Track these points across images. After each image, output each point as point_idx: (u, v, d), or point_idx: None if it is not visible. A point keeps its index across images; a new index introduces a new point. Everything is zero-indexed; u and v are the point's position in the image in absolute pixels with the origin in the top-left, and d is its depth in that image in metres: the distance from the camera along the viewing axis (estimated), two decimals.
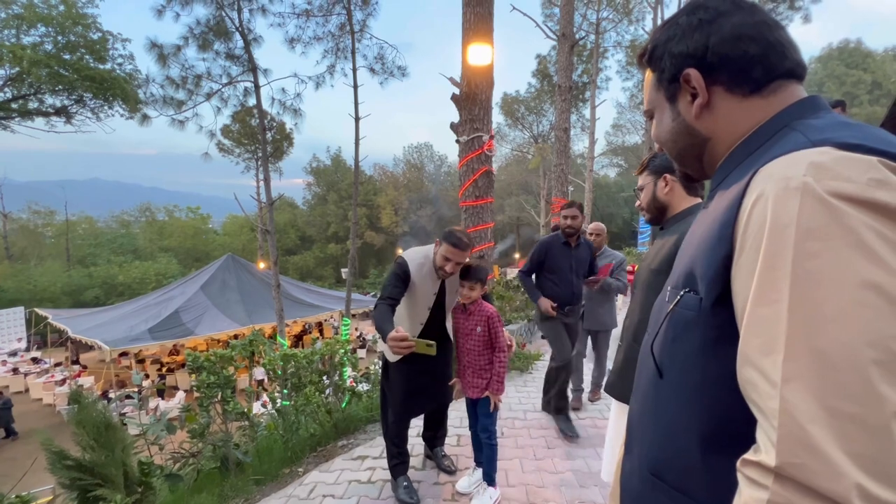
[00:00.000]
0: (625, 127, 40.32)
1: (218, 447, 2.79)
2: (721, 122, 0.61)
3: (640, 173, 1.61)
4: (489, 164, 4.98)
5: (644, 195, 1.57)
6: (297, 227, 45.61)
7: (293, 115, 10.40)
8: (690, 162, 0.69)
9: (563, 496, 2.28)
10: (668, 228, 1.51)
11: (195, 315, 15.16)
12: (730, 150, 0.62)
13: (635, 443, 0.70)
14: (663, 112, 0.68)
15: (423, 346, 1.79)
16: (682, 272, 0.58)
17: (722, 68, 0.60)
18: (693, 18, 0.62)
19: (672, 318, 0.56)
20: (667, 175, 1.51)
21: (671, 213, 1.52)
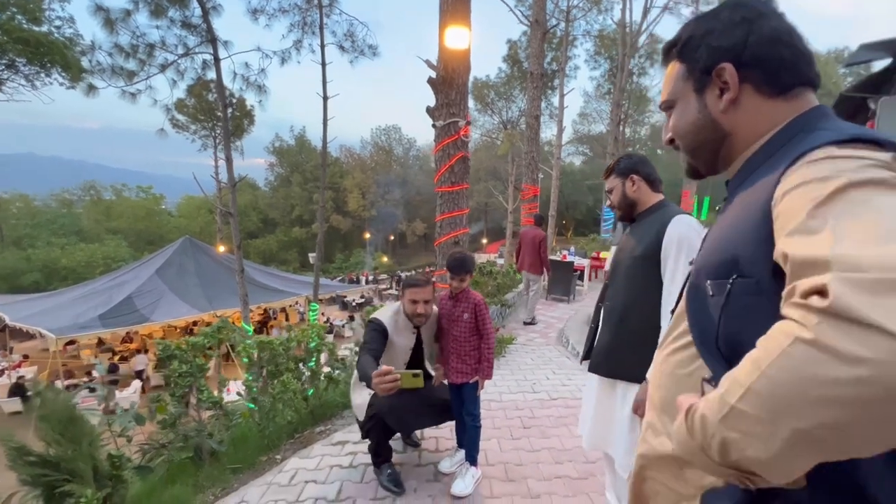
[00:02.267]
0: (591, 116, 41.19)
1: (190, 437, 2.71)
2: (744, 119, 0.65)
3: (608, 177, 1.69)
4: (465, 150, 4.97)
5: (614, 195, 1.66)
6: (258, 209, 43.90)
7: (257, 92, 9.88)
8: (705, 155, 0.72)
9: (540, 472, 2.39)
10: (642, 221, 1.60)
11: (150, 301, 14.39)
12: (746, 148, 0.66)
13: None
14: (688, 103, 0.70)
15: (409, 379, 1.76)
16: (718, 263, 0.59)
17: (756, 67, 0.63)
18: (736, 15, 0.64)
19: (730, 309, 0.57)
20: (633, 175, 1.61)
21: (641, 208, 1.63)
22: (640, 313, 1.49)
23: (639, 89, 30.40)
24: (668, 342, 0.76)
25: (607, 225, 17.17)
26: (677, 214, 1.47)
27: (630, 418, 1.49)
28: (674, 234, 1.43)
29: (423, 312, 2.25)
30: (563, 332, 5.57)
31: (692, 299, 0.64)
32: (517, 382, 3.81)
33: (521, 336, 5.52)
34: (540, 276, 6.25)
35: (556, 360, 4.55)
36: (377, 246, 45.23)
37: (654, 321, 1.46)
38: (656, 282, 1.46)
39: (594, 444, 1.67)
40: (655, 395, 0.79)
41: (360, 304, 23.09)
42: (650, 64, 29.45)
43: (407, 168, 48.99)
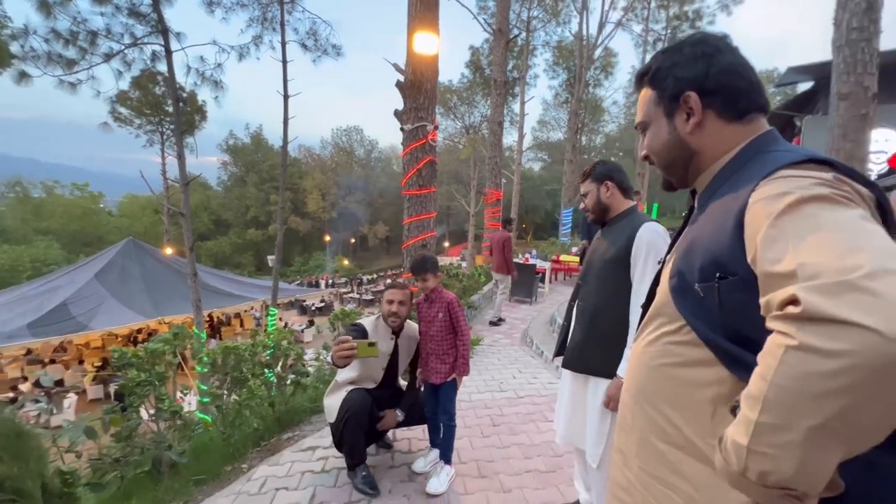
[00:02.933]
0: (549, 124, 42.61)
1: (147, 450, 2.57)
2: (708, 140, 0.75)
3: (584, 181, 1.80)
4: (433, 154, 5.03)
5: (589, 199, 1.77)
6: (210, 210, 41.77)
7: (213, 88, 9.43)
8: (677, 171, 0.82)
9: (511, 467, 2.47)
10: (613, 226, 1.71)
11: (89, 307, 13.30)
12: (711, 164, 0.76)
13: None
14: (660, 125, 0.80)
15: (364, 348, 1.85)
16: (700, 267, 0.67)
17: (716, 95, 0.74)
18: (697, 50, 0.75)
19: (726, 308, 0.63)
20: (608, 182, 1.72)
21: (612, 213, 1.74)
22: (611, 312, 1.60)
23: (594, 99, 31.83)
24: (643, 336, 0.85)
25: (565, 229, 17.82)
26: (646, 221, 1.59)
27: (600, 411, 1.59)
28: (643, 239, 1.55)
29: (396, 311, 2.36)
30: (527, 333, 5.73)
31: (681, 300, 0.71)
32: (485, 382, 3.90)
33: (487, 337, 5.63)
34: (507, 276, 6.40)
35: (521, 359, 4.69)
36: (338, 249, 44.29)
37: (623, 320, 1.57)
38: (626, 283, 1.58)
39: (569, 440, 1.76)
40: (630, 382, 0.87)
41: (320, 309, 22.51)
42: (605, 76, 30.96)
43: (369, 170, 48.36)
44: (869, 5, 4.23)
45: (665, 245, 1.55)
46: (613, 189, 1.70)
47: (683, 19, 22.57)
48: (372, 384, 2.44)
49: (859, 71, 4.35)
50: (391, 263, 42.48)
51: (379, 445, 2.68)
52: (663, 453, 0.75)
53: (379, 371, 2.44)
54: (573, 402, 1.71)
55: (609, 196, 1.71)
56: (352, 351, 1.85)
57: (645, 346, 0.81)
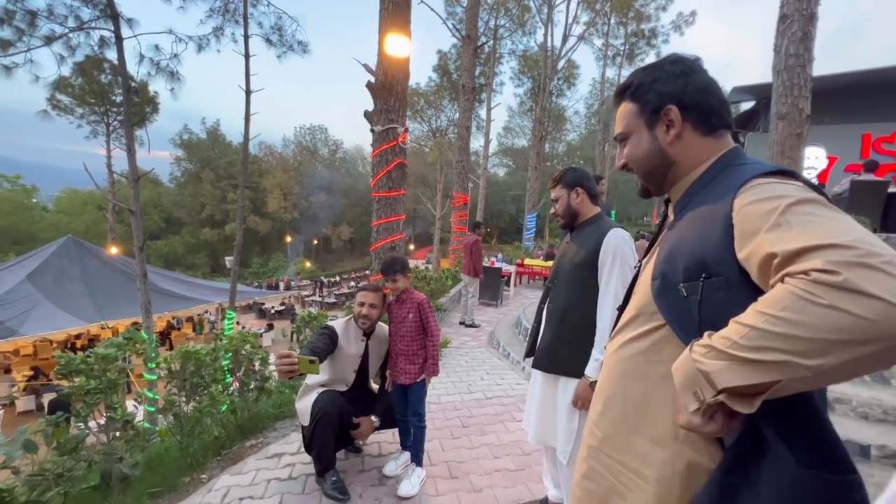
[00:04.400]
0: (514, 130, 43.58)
1: (95, 462, 2.39)
2: (685, 151, 0.82)
3: (554, 187, 1.86)
4: (403, 157, 5.02)
5: (559, 205, 1.84)
6: (161, 207, 39.42)
7: (169, 79, 8.91)
8: (655, 179, 0.88)
9: (481, 467, 2.51)
10: (582, 231, 1.79)
11: (19, 311, 12.17)
12: (687, 174, 0.82)
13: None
14: (641, 136, 0.86)
15: (305, 364, 1.86)
16: (685, 268, 0.72)
17: (693, 110, 0.81)
18: (675, 68, 0.82)
19: (706, 304, 0.69)
20: (578, 188, 1.80)
21: (581, 218, 1.82)
22: (579, 314, 1.67)
23: (557, 109, 32.87)
24: (620, 335, 0.90)
25: (529, 234, 18.26)
26: (613, 228, 1.67)
27: (569, 410, 1.66)
28: (610, 245, 1.63)
29: (366, 314, 2.36)
30: (493, 336, 5.82)
31: (663, 300, 0.76)
32: (454, 384, 3.92)
33: (455, 339, 5.67)
34: (475, 278, 6.48)
35: (488, 361, 4.75)
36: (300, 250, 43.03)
37: (591, 322, 1.64)
38: (593, 286, 1.65)
39: (540, 439, 1.81)
40: (606, 379, 0.92)
41: (280, 312, 21.76)
42: (567, 86, 32.07)
43: (333, 170, 47.38)
44: (804, 34, 4.67)
45: (630, 251, 1.64)
46: (583, 195, 1.78)
47: (640, 36, 23.84)
48: (344, 386, 2.40)
49: (795, 94, 4.78)
50: (355, 266, 41.75)
51: (348, 450, 2.63)
52: (633, 443, 0.81)
53: (350, 373, 2.41)
54: (543, 401, 1.77)
55: (579, 202, 1.78)
56: (293, 366, 1.84)
57: (622, 345, 0.87)
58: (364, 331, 2.42)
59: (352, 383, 2.43)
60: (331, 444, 2.23)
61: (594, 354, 1.59)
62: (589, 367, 1.60)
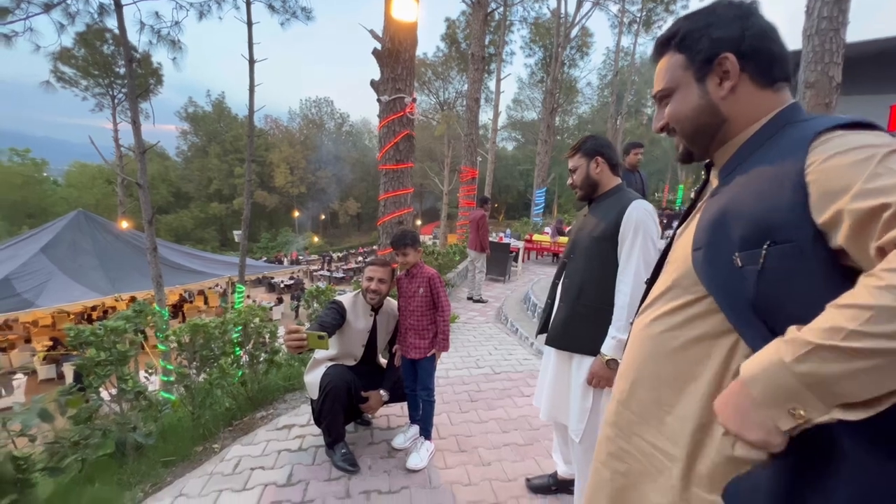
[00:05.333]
0: (524, 103, 42.52)
1: (110, 432, 2.43)
2: (740, 106, 0.72)
3: (572, 156, 1.75)
4: (411, 128, 4.88)
5: (578, 175, 1.73)
6: (169, 181, 39.47)
7: (171, 48, 8.70)
8: (702, 139, 0.78)
9: (489, 441, 2.51)
10: (601, 203, 1.69)
11: (35, 283, 12.43)
12: (738, 133, 0.73)
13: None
14: (688, 91, 0.76)
15: (314, 339, 1.82)
16: (743, 235, 0.63)
17: (752, 59, 0.70)
18: (731, 12, 0.71)
19: (767, 276, 0.60)
20: (598, 157, 1.69)
21: (601, 190, 1.72)
22: (597, 290, 1.60)
23: (569, 80, 31.86)
24: (651, 310, 0.83)
25: (538, 209, 18.03)
26: (635, 199, 1.58)
27: (583, 387, 1.61)
28: (632, 217, 1.54)
29: (375, 289, 2.32)
30: (501, 311, 5.81)
31: (708, 271, 0.69)
32: (462, 359, 3.93)
33: (463, 314, 5.66)
34: (481, 253, 6.42)
35: (496, 336, 4.75)
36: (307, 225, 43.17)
37: (608, 298, 1.57)
38: (613, 261, 1.58)
39: (551, 416, 1.78)
40: (634, 357, 0.86)
41: (289, 286, 22.02)
42: (580, 56, 30.97)
43: (339, 144, 46.85)
44: None
45: (654, 224, 1.55)
46: (603, 165, 1.68)
47: (658, 2, 22.72)
48: (352, 361, 2.39)
49: (826, 61, 4.50)
50: (362, 241, 41.88)
51: (358, 422, 2.65)
52: (666, 425, 0.76)
53: (359, 348, 2.40)
54: (557, 378, 1.73)
55: (598, 172, 1.68)
56: (302, 342, 1.80)
57: (653, 320, 0.80)
58: (372, 306, 2.38)
59: (360, 358, 2.41)
60: (340, 418, 2.24)
61: (611, 332, 1.53)
62: (606, 344, 1.54)
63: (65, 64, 22.54)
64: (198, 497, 2.04)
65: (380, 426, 2.68)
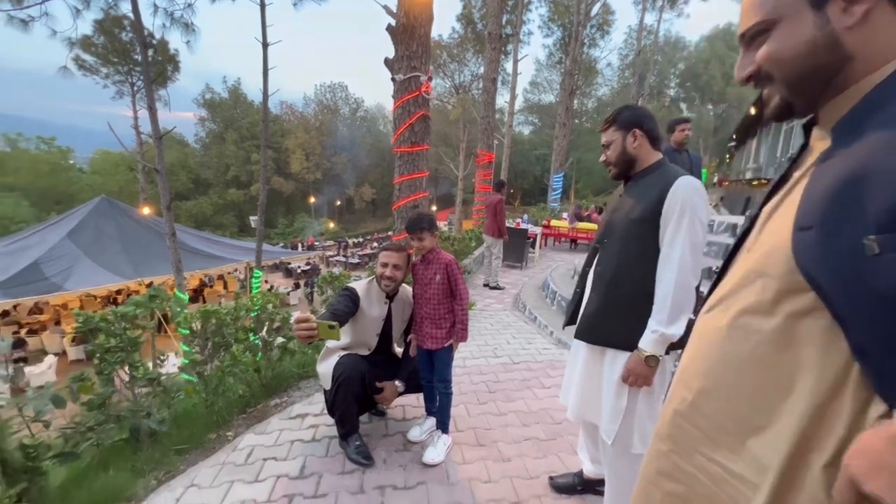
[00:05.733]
0: (541, 85, 41.45)
1: (124, 417, 2.41)
2: (873, 40, 0.54)
3: (606, 129, 1.57)
4: (426, 108, 4.69)
5: (612, 150, 1.54)
6: (188, 168, 40.06)
7: (184, 31, 8.63)
8: (815, 85, 0.60)
9: (509, 435, 2.40)
10: (640, 181, 1.51)
11: (62, 267, 12.81)
12: (865, 76, 0.55)
13: None
14: (799, 22, 0.58)
15: (325, 329, 1.72)
16: (883, 212, 0.47)
17: None
18: None
19: None
20: (636, 129, 1.50)
21: (639, 166, 1.53)
22: (634, 279, 1.43)
23: (588, 60, 30.83)
24: (723, 304, 0.68)
25: (556, 194, 17.64)
26: (681, 176, 1.39)
27: (617, 386, 1.47)
28: (677, 197, 1.35)
29: (390, 276, 2.20)
30: (519, 298, 5.66)
31: (817, 257, 0.53)
32: (479, 347, 3.81)
33: (480, 301, 5.54)
34: (498, 239, 6.26)
35: (514, 324, 4.61)
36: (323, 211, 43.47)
37: (647, 288, 1.41)
38: (653, 247, 1.40)
39: (580, 415, 1.63)
40: (697, 359, 0.72)
41: (305, 272, 22.25)
42: (601, 35, 29.85)
43: (354, 129, 46.69)
44: None
45: (703, 203, 1.36)
46: (642, 139, 1.49)
47: None
48: (366, 351, 2.29)
49: None
50: (377, 226, 41.99)
51: (372, 413, 2.57)
52: (749, 449, 0.61)
53: (373, 337, 2.29)
54: (587, 375, 1.58)
55: (636, 146, 1.49)
56: (312, 332, 1.69)
57: (732, 317, 0.65)
58: (387, 293, 2.27)
59: (374, 347, 2.31)
60: (353, 409, 2.15)
61: (651, 325, 1.37)
62: (644, 339, 1.38)
63: (86, 51, 22.89)
64: (209, 488, 1.99)
65: (395, 417, 2.59)
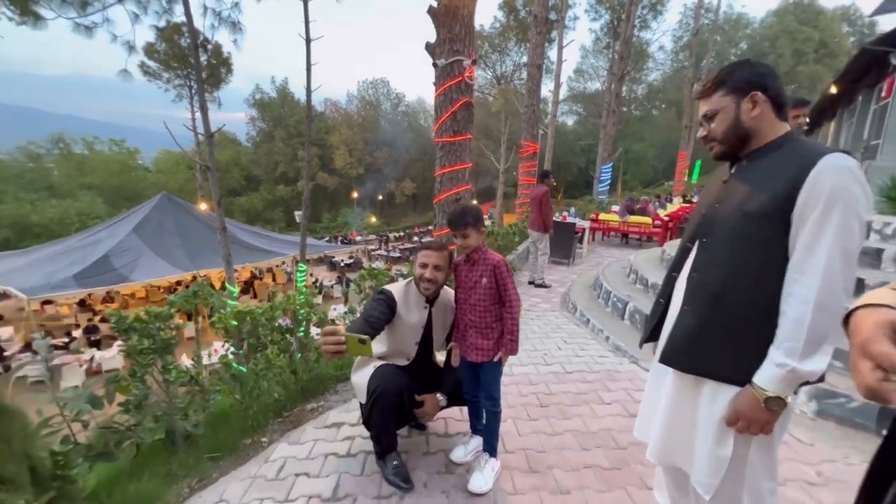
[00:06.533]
0: (587, 73, 39.66)
1: (161, 417, 2.35)
2: None
3: (710, 95, 1.20)
4: (470, 95, 4.40)
5: (719, 122, 1.17)
6: (241, 165, 42.15)
7: (232, 29, 8.84)
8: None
9: (566, 461, 2.10)
10: (760, 161, 1.14)
11: (129, 260, 13.77)
12: None
13: None
14: None
15: (354, 344, 1.47)
16: None
17: None
18: None
19: None
20: (756, 93, 1.12)
21: (759, 141, 1.15)
22: (748, 292, 1.08)
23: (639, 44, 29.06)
24: None
25: (603, 186, 16.73)
26: (827, 154, 1.01)
27: (719, 429, 1.13)
28: (823, 183, 0.98)
29: (430, 278, 1.96)
30: (568, 298, 5.27)
31: None
32: (527, 353, 3.50)
33: (525, 301, 5.20)
34: (544, 234, 5.88)
35: (564, 327, 4.26)
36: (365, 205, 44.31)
37: (767, 303, 1.05)
38: (778, 251, 1.05)
39: (664, 457, 1.31)
40: None
41: (349, 265, 22.69)
42: (653, 16, 27.98)
43: (395, 125, 47.06)
44: None
45: (862, 191, 0.99)
46: (764, 105, 1.11)
47: None
48: (404, 361, 2.07)
49: None
50: (418, 221, 42.20)
51: (412, 426, 2.36)
52: None
53: (412, 346, 2.07)
54: (675, 409, 1.25)
55: (756, 115, 1.12)
56: (340, 347, 1.46)
57: None
58: (427, 297, 2.03)
59: (413, 357, 2.08)
60: (390, 426, 1.94)
61: (775, 356, 1.03)
62: (765, 374, 1.04)
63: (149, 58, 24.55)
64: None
65: (436, 431, 2.36)
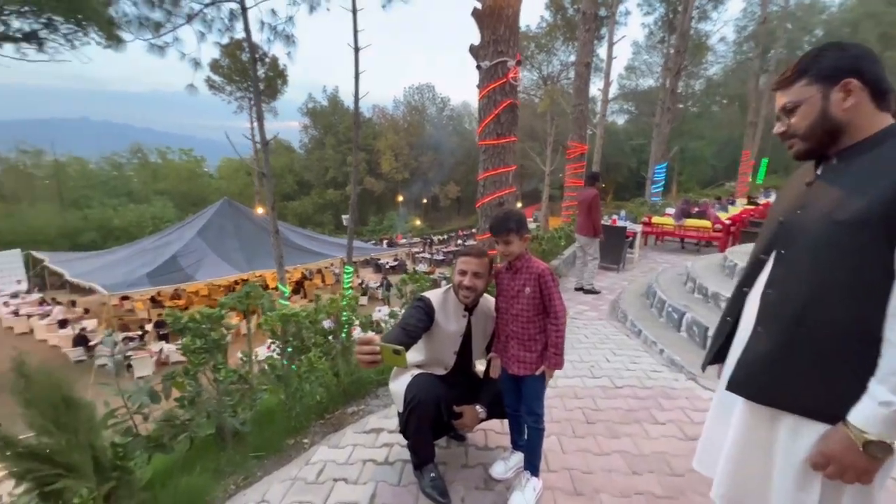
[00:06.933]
0: (639, 70, 37.85)
1: (211, 413, 2.46)
2: None
3: (789, 85, 1.04)
4: (514, 96, 4.30)
5: (802, 115, 1.01)
6: (294, 171, 44.37)
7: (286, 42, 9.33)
8: None
9: (614, 485, 1.95)
10: (853, 160, 0.97)
11: (194, 260, 14.90)
12: None
13: None
14: None
15: (389, 355, 1.45)
16: None
17: None
18: None
19: None
20: (850, 80, 0.95)
21: (853, 137, 0.98)
22: (836, 312, 0.92)
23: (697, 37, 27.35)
24: None
25: (657, 187, 15.82)
26: None
27: (801, 470, 0.97)
28: None
29: (469, 285, 1.89)
30: (617, 306, 4.99)
31: None
32: (573, 364, 3.33)
33: (571, 308, 4.99)
34: (593, 238, 5.63)
35: (613, 337, 4.02)
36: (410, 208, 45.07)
37: (860, 327, 0.90)
38: (877, 264, 0.89)
39: (734, 500, 1.15)
40: None
41: (394, 267, 23.13)
42: (713, 6, 26.25)
43: (440, 129, 47.54)
44: None
45: None
46: (861, 93, 0.95)
47: None
48: (443, 370, 2.02)
49: None
50: (462, 224, 42.31)
51: (450, 436, 2.30)
52: None
53: (450, 356, 2.01)
54: (747, 444, 1.09)
55: (850, 107, 0.96)
56: (375, 357, 1.44)
57: None
58: (466, 305, 1.97)
59: (452, 366, 2.02)
60: (427, 438, 1.89)
61: (880, 393, 0.86)
62: (861, 412, 0.88)
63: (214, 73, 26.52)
64: None
65: (476, 443, 2.29)
